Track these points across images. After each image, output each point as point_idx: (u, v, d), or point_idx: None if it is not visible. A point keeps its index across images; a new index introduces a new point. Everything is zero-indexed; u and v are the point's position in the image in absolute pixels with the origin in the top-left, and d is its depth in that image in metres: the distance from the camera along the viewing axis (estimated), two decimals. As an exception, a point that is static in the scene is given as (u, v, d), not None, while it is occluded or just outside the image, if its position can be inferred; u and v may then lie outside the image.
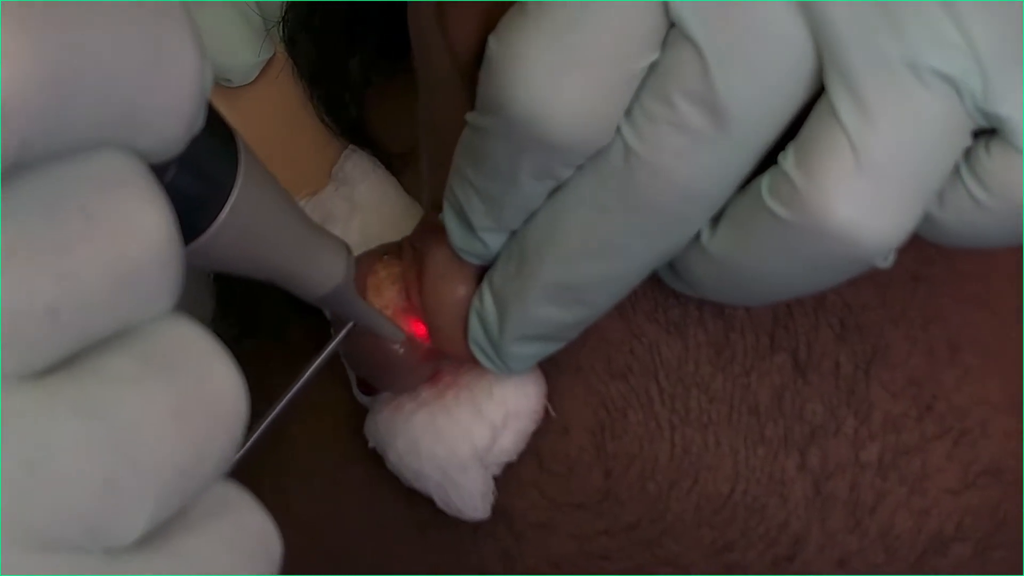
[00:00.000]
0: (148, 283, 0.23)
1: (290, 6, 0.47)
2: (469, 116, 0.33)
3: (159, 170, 0.25)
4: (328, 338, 0.39)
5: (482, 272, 0.37)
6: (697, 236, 0.33)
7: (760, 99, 0.30)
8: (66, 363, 0.22)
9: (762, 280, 0.33)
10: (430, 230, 0.38)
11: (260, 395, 0.47)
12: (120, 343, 0.23)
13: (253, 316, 0.50)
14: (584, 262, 0.34)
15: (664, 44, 0.31)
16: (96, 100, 0.22)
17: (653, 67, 0.31)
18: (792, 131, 0.31)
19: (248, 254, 0.30)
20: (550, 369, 0.39)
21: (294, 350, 0.47)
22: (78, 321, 0.22)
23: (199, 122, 0.25)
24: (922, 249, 0.38)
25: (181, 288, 0.24)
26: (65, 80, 0.21)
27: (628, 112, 0.31)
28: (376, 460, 0.41)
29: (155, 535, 0.23)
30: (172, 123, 0.23)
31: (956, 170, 0.31)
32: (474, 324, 0.37)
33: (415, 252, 0.39)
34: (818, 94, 0.31)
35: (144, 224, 0.23)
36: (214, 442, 0.24)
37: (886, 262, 0.31)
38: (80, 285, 0.22)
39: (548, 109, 0.30)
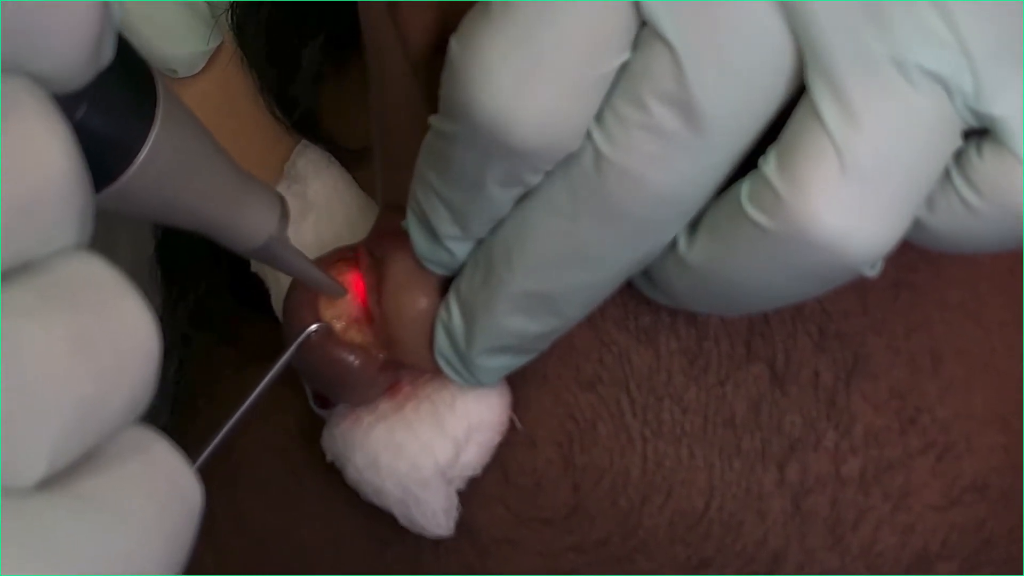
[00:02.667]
0: (49, 214, 0.22)
1: (238, -7, 0.45)
2: (432, 119, 0.32)
3: (67, 106, 0.24)
4: (281, 339, 0.38)
5: (446, 282, 0.36)
6: (674, 245, 0.32)
7: (737, 100, 0.29)
8: None
9: (742, 290, 0.32)
10: (388, 236, 0.36)
11: (209, 400, 0.45)
12: (20, 276, 0.22)
13: (202, 314, 0.48)
14: (554, 271, 0.32)
15: (636, 44, 0.29)
16: None
17: (624, 68, 0.29)
18: (772, 133, 0.30)
19: (169, 201, 0.29)
20: (516, 379, 0.38)
21: (245, 352, 0.45)
22: None
23: (105, 52, 0.24)
24: (905, 253, 0.36)
25: (90, 222, 0.23)
26: None
27: (599, 116, 0.30)
28: (334, 470, 0.39)
29: (61, 477, 0.22)
30: (69, 45, 0.22)
31: (946, 173, 0.30)
32: (440, 336, 0.35)
33: (373, 259, 0.37)
34: (799, 94, 0.29)
35: (42, 151, 0.22)
36: (121, 378, 0.23)
37: (873, 271, 0.30)
38: None
39: (514, 115, 0.29)
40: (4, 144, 0.21)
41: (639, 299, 0.37)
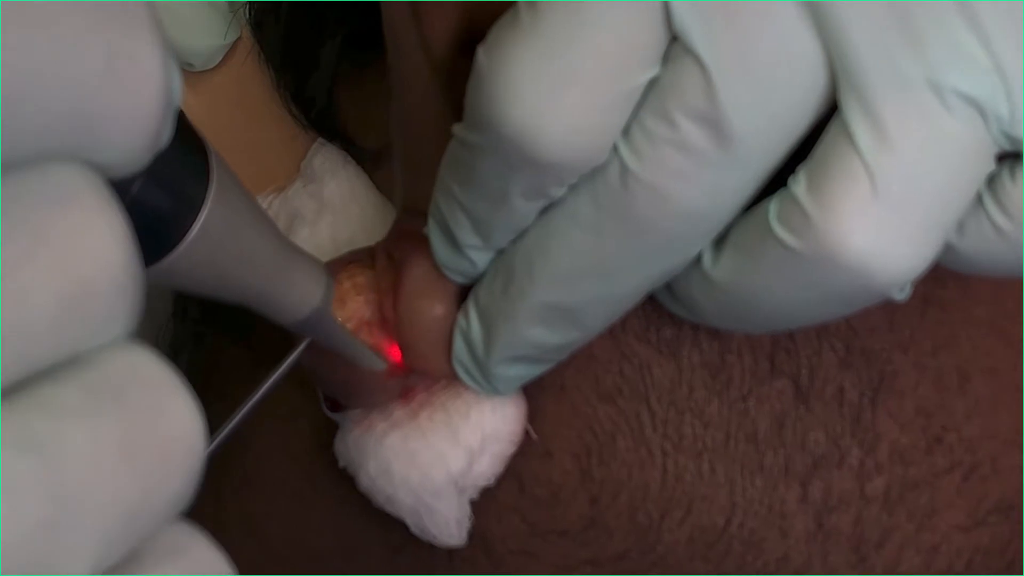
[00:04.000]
0: (100, 307, 0.21)
1: (256, -13, 0.44)
2: (456, 129, 0.31)
3: (123, 182, 0.23)
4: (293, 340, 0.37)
5: (463, 290, 0.35)
6: (699, 261, 0.32)
7: (767, 118, 0.28)
8: (6, 393, 0.20)
9: (767, 309, 0.31)
10: (408, 238, 0.35)
11: (223, 403, 0.45)
12: (67, 372, 0.21)
13: (215, 314, 0.48)
14: (576, 284, 0.32)
15: (666, 59, 0.29)
16: (43, 107, 0.20)
17: (653, 83, 0.29)
18: (801, 150, 0.29)
19: (219, 274, 0.28)
20: (533, 390, 0.37)
21: (259, 354, 0.45)
22: (20, 347, 0.20)
23: (165, 135, 0.23)
24: (934, 269, 0.36)
25: (139, 314, 0.22)
26: (9, 85, 0.19)
27: (626, 130, 0.29)
28: (346, 476, 0.39)
29: None
30: (132, 136, 0.22)
31: (978, 197, 0.29)
32: (459, 344, 0.35)
33: (391, 261, 0.36)
34: (831, 111, 0.29)
35: (97, 243, 0.21)
36: (166, 482, 0.22)
37: (902, 294, 0.30)
38: (24, 309, 0.20)
39: (541, 128, 0.29)
40: (57, 235, 0.21)
41: (661, 311, 0.36)
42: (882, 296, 0.29)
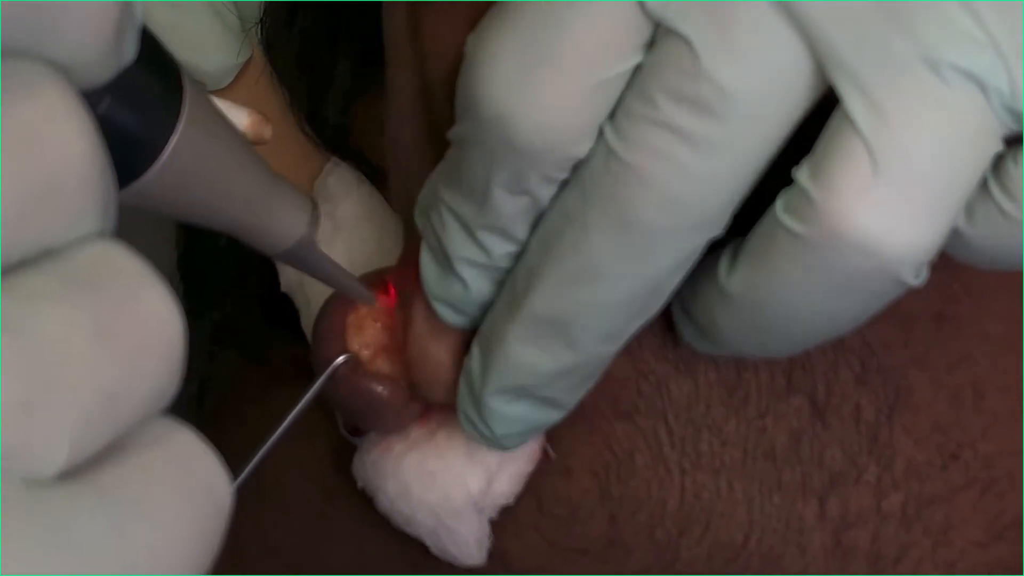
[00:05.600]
0: (67, 197, 0.22)
1: (268, 6, 0.45)
2: (451, 131, 0.31)
3: (91, 99, 0.24)
4: (309, 360, 0.37)
5: (469, 337, 0.35)
6: (715, 279, 0.31)
7: (753, 97, 0.28)
8: None
9: (786, 316, 0.30)
10: (413, 271, 0.35)
11: (236, 419, 0.45)
12: (40, 262, 0.22)
13: (227, 332, 0.48)
14: (565, 290, 0.31)
15: (650, 46, 0.29)
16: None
17: (638, 71, 0.29)
18: (803, 152, 0.29)
19: (195, 200, 0.29)
20: (551, 408, 0.37)
21: (272, 371, 0.45)
22: None
23: (127, 47, 0.24)
24: (948, 285, 0.36)
25: (113, 211, 0.23)
26: None
27: (612, 116, 0.29)
28: (365, 495, 0.39)
29: (82, 468, 0.21)
30: (86, 30, 0.22)
31: (985, 182, 0.29)
32: (462, 387, 0.35)
33: (401, 296, 0.36)
34: (828, 109, 0.28)
35: (60, 134, 0.21)
36: (145, 366, 0.22)
37: (918, 279, 0.29)
38: None
39: (518, 109, 0.29)
40: (21, 124, 0.21)
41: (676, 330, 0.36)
42: (896, 279, 0.29)
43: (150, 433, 0.23)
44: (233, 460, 0.24)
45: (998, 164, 0.29)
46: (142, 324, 0.22)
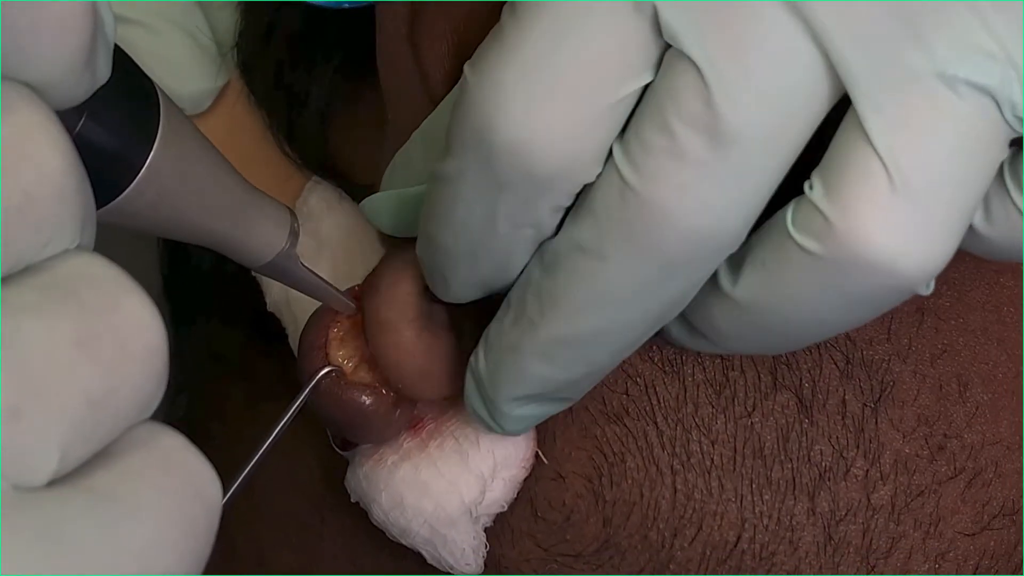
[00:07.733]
0: (44, 212, 0.22)
1: (243, 30, 0.45)
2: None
3: (67, 119, 0.24)
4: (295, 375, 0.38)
5: (434, 310, 0.36)
6: (716, 286, 0.31)
7: (767, 122, 0.28)
8: None
9: (794, 323, 0.31)
10: (368, 281, 0.36)
11: (224, 434, 0.45)
12: (19, 276, 0.22)
13: (212, 349, 0.48)
14: (583, 315, 0.31)
15: (660, 66, 0.29)
16: None
17: (648, 92, 0.29)
18: (808, 161, 0.29)
19: (174, 217, 0.29)
20: (541, 414, 0.37)
21: (259, 387, 0.45)
22: None
23: (100, 66, 0.24)
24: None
25: (91, 226, 0.24)
26: None
27: (624, 143, 0.29)
28: (358, 508, 0.39)
29: (72, 474, 0.22)
30: (57, 47, 0.23)
31: (1000, 182, 0.29)
32: (469, 383, 0.35)
33: (361, 293, 0.37)
34: (836, 119, 0.29)
35: (35, 152, 0.22)
36: (128, 373, 0.23)
37: (928, 290, 0.29)
38: None
39: (530, 136, 0.29)
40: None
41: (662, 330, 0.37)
42: (909, 293, 0.29)
43: (138, 437, 0.23)
44: (221, 476, 0.24)
45: (1013, 161, 0.29)
46: (124, 333, 0.23)
